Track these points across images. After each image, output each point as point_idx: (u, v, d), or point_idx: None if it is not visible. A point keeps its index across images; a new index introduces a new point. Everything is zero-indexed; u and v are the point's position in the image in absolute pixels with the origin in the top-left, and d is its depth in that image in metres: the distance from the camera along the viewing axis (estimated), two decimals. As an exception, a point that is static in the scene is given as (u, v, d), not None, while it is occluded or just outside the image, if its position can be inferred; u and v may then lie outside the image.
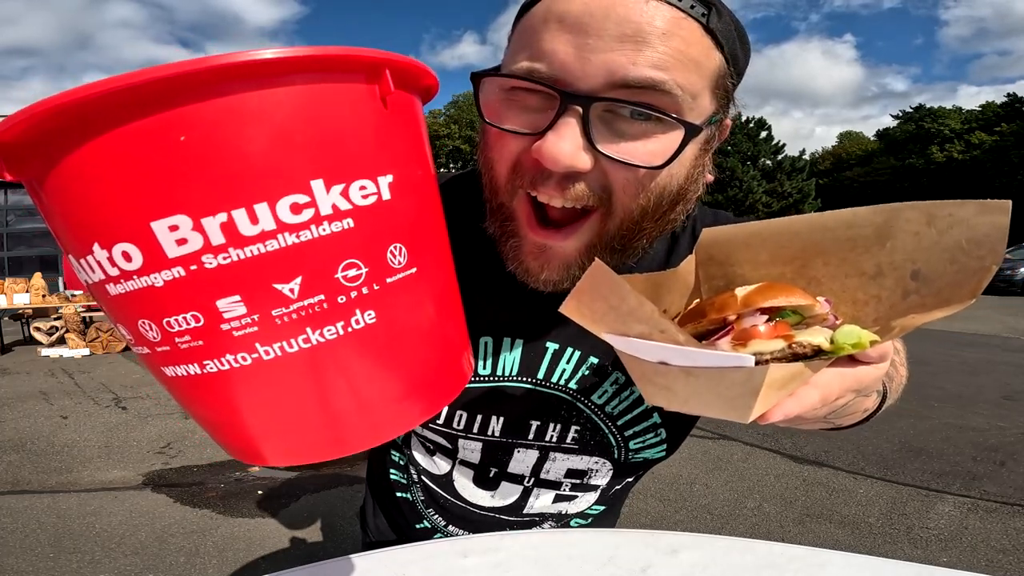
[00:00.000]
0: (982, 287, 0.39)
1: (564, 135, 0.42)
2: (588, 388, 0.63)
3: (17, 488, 3.17)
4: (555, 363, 0.63)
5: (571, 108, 0.42)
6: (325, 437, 0.39)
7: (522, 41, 0.45)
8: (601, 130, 0.43)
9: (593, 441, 0.66)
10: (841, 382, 0.37)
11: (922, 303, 0.41)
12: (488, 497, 0.71)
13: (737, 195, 33.57)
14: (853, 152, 52.91)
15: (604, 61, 0.41)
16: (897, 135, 47.18)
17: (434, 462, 0.72)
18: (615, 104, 0.42)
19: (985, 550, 2.40)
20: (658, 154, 0.44)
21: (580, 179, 0.45)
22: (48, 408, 4.85)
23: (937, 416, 4.27)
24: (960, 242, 0.39)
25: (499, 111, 0.46)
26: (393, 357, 0.39)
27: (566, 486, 0.70)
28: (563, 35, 0.41)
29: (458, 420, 0.65)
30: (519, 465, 0.68)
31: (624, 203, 0.46)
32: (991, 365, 6.05)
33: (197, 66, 0.29)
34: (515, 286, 0.60)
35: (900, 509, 2.80)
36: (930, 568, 0.58)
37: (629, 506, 0.53)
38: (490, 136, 0.48)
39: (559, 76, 0.42)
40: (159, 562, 2.41)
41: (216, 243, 0.31)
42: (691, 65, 0.42)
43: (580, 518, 0.77)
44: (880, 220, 0.42)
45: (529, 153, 0.45)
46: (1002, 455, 3.45)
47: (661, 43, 0.40)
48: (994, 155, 38.19)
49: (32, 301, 7.89)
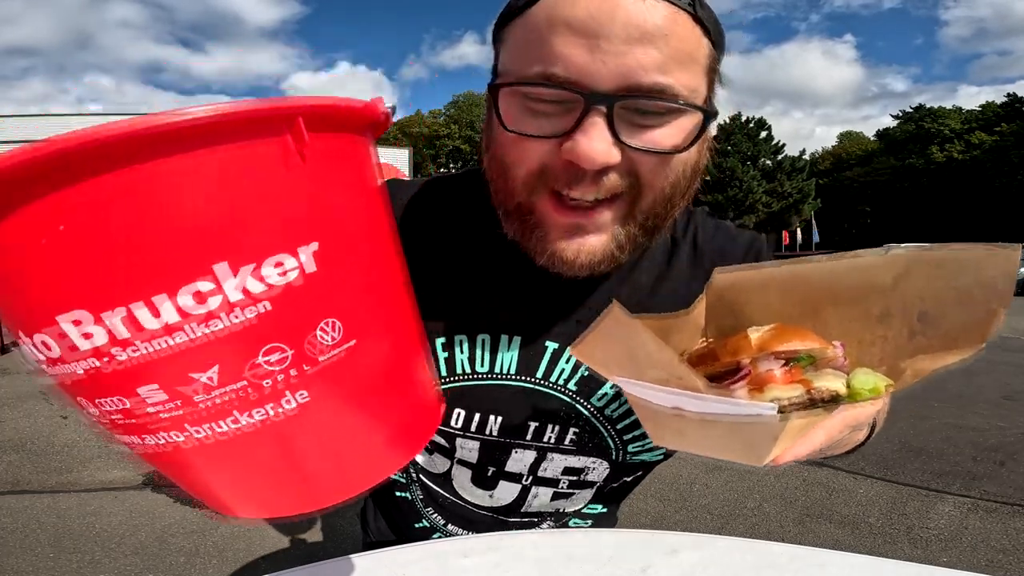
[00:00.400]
0: (991, 331, 0.39)
1: (594, 136, 0.44)
2: (588, 390, 0.63)
3: (17, 488, 3.17)
4: (554, 363, 0.63)
5: (595, 109, 0.44)
6: (288, 497, 0.38)
7: (529, 47, 0.46)
8: (624, 126, 0.45)
9: (591, 444, 0.66)
10: (843, 420, 0.38)
11: (928, 344, 0.42)
12: (487, 496, 0.71)
13: (737, 195, 33.57)
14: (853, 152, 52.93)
15: (618, 64, 0.43)
16: (897, 135, 47.20)
17: (433, 461, 0.71)
18: (635, 101, 0.45)
19: (985, 550, 2.40)
20: (678, 139, 0.47)
21: (611, 171, 0.47)
22: (48, 408, 4.85)
23: (937, 416, 4.27)
24: (969, 285, 0.40)
25: (518, 118, 0.47)
26: (338, 430, 0.36)
27: (563, 483, 0.70)
28: (574, 39, 0.43)
29: (456, 419, 0.65)
30: (517, 464, 0.68)
31: (653, 183, 0.49)
32: (991, 365, 6.04)
33: (68, 144, 0.26)
34: (515, 285, 0.61)
35: (900, 509, 2.80)
36: (930, 568, 0.58)
37: (629, 506, 0.53)
38: (506, 142, 0.49)
39: (577, 79, 0.44)
40: (159, 562, 2.41)
41: (121, 337, 0.29)
42: (689, 61, 0.46)
43: (579, 518, 0.76)
44: (899, 270, 0.43)
45: (557, 156, 0.46)
46: (1002, 455, 3.45)
47: (664, 44, 0.43)
48: (994, 155, 38.20)
49: (32, 301, 7.87)
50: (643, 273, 0.63)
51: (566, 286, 0.58)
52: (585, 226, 0.50)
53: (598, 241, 0.51)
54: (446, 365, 0.62)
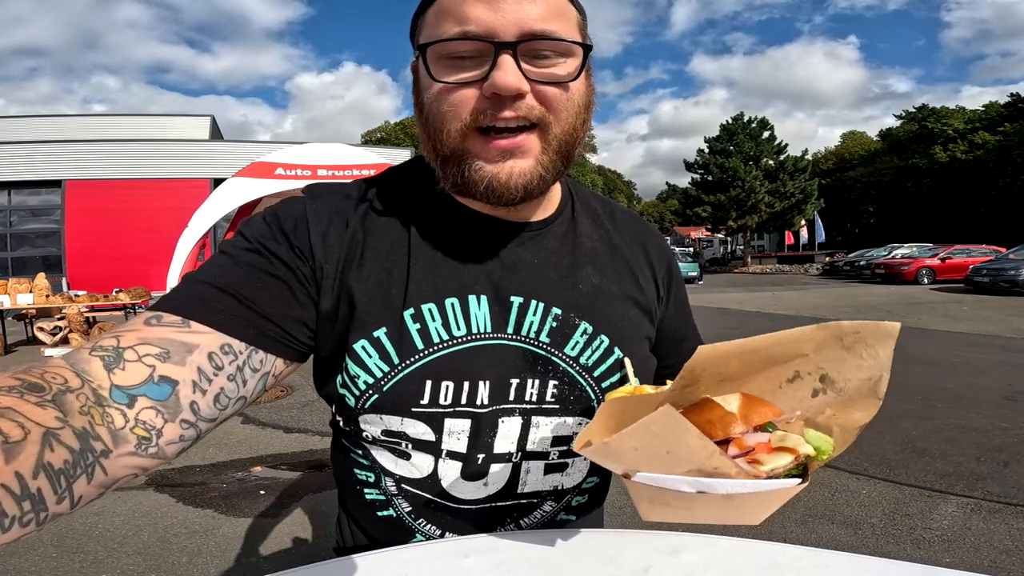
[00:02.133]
0: (881, 391, 0.52)
1: (507, 70, 0.56)
2: (559, 340, 0.66)
3: (20, 488, 3.18)
4: (522, 316, 0.66)
5: (504, 52, 0.56)
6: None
7: (445, 16, 0.57)
8: (526, 64, 0.57)
9: (572, 396, 0.67)
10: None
11: (828, 401, 0.55)
12: (480, 487, 0.68)
13: (739, 195, 33.51)
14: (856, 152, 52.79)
15: (514, 18, 0.56)
16: (900, 135, 47.08)
17: (412, 466, 0.67)
18: (531, 44, 0.57)
19: (988, 551, 2.40)
20: (570, 70, 0.60)
21: (524, 97, 0.58)
22: (51, 408, 4.87)
23: (940, 417, 4.26)
24: (861, 353, 0.53)
25: (444, 72, 0.58)
26: None
27: (553, 455, 0.69)
28: (478, 4, 0.56)
29: (444, 394, 0.63)
30: (504, 441, 0.66)
31: (558, 110, 0.60)
32: (994, 366, 6.03)
33: None
34: (470, 248, 0.67)
35: (903, 510, 2.80)
36: (933, 568, 0.58)
37: (630, 506, 0.53)
38: (438, 95, 0.59)
39: (486, 33, 0.56)
40: (162, 562, 2.41)
41: None
42: (563, 15, 0.59)
43: (578, 494, 0.75)
44: (818, 341, 0.53)
45: (480, 97, 0.57)
46: (1005, 455, 3.44)
47: (543, 1, 0.57)
48: (997, 155, 38.07)
49: (36, 301, 7.91)
50: (564, 234, 0.73)
51: (511, 245, 0.68)
52: (512, 151, 0.59)
53: (526, 164, 0.60)
54: (421, 337, 0.62)
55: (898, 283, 19.09)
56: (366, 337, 0.62)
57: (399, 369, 0.62)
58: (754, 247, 45.83)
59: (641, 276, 0.76)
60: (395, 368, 0.62)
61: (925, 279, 18.84)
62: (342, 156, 8.58)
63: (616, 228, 0.78)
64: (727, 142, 35.13)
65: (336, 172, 8.39)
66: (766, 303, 13.42)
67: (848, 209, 49.70)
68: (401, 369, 0.62)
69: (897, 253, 22.63)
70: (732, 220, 34.20)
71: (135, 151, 15.75)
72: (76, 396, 0.42)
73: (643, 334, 0.74)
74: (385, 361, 0.62)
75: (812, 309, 11.81)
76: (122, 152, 15.68)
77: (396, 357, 0.62)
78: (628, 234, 0.78)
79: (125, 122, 18.63)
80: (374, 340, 0.62)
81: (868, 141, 54.65)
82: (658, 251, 0.80)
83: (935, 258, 19.59)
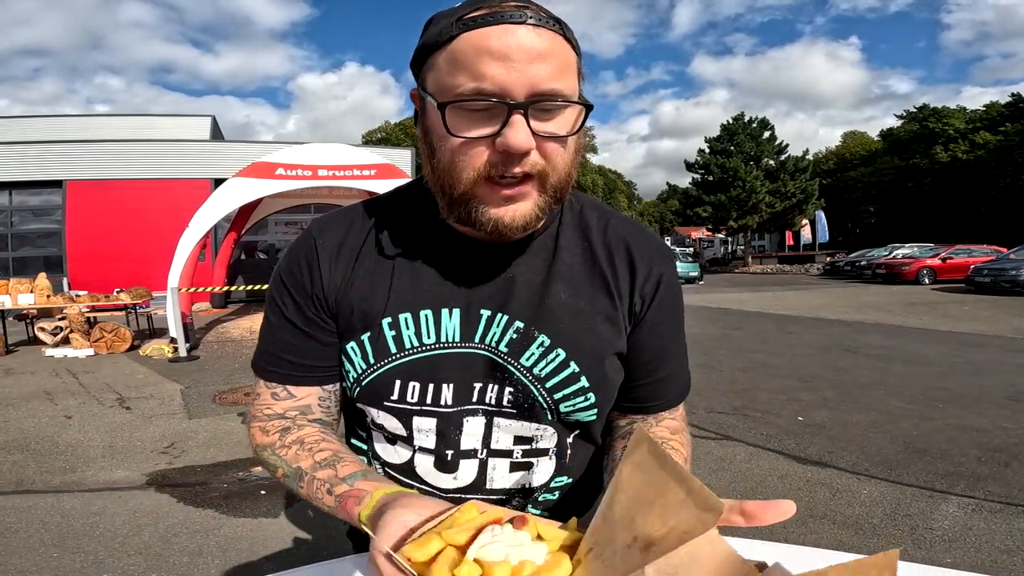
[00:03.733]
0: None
1: (518, 130, 0.61)
2: (516, 351, 0.72)
3: (21, 488, 3.18)
4: (488, 328, 0.72)
5: (516, 111, 0.60)
6: None
7: (457, 66, 0.62)
8: (534, 121, 0.62)
9: (527, 403, 0.72)
10: None
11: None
12: (451, 480, 0.76)
13: (740, 195, 33.49)
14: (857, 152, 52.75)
15: (525, 78, 0.60)
16: (901, 135, 47.03)
17: (396, 451, 0.78)
18: (540, 103, 0.62)
19: (989, 551, 2.39)
20: (569, 127, 0.65)
21: (531, 153, 0.63)
22: (52, 408, 4.87)
23: (941, 417, 4.26)
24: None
25: (459, 127, 0.63)
26: None
27: (517, 453, 0.76)
28: (493, 62, 0.60)
29: (412, 393, 0.72)
30: (470, 439, 0.74)
31: (556, 163, 0.66)
32: (996, 366, 6.02)
33: None
34: (448, 266, 0.74)
35: (904, 510, 2.80)
36: (934, 569, 0.58)
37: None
38: (453, 147, 0.64)
39: (499, 92, 0.60)
40: (162, 562, 2.41)
41: None
42: (568, 69, 0.64)
43: (547, 492, 0.78)
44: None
45: (492, 150, 0.63)
46: (1007, 456, 3.44)
47: (552, 60, 0.61)
48: (998, 155, 38.03)
49: (37, 301, 7.92)
50: (543, 250, 0.78)
51: (490, 263, 0.74)
52: (515, 197, 0.66)
53: (526, 207, 0.66)
54: (395, 343, 0.72)
55: (899, 283, 19.08)
56: (354, 340, 0.73)
57: (374, 368, 0.72)
58: (755, 247, 45.79)
59: (616, 292, 0.75)
60: (371, 367, 0.72)
61: (926, 279, 18.82)
62: (342, 156, 8.58)
63: (603, 240, 0.78)
64: (728, 142, 35.10)
65: (336, 172, 8.39)
66: (768, 303, 13.42)
67: (849, 209, 49.65)
68: (376, 369, 0.72)
69: (898, 253, 22.61)
70: (733, 220, 34.16)
71: (136, 151, 15.75)
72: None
73: (614, 350, 0.75)
74: (364, 360, 0.73)
75: (814, 309, 11.80)
76: (123, 152, 15.68)
77: (372, 358, 0.72)
78: (615, 246, 0.78)
79: (126, 122, 18.66)
80: (359, 342, 0.73)
81: (869, 141, 54.60)
82: (646, 266, 0.77)
83: (936, 258, 19.57)
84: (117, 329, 7.76)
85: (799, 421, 4.24)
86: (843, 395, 4.94)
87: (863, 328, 9.02)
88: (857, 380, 5.43)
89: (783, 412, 4.48)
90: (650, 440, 0.50)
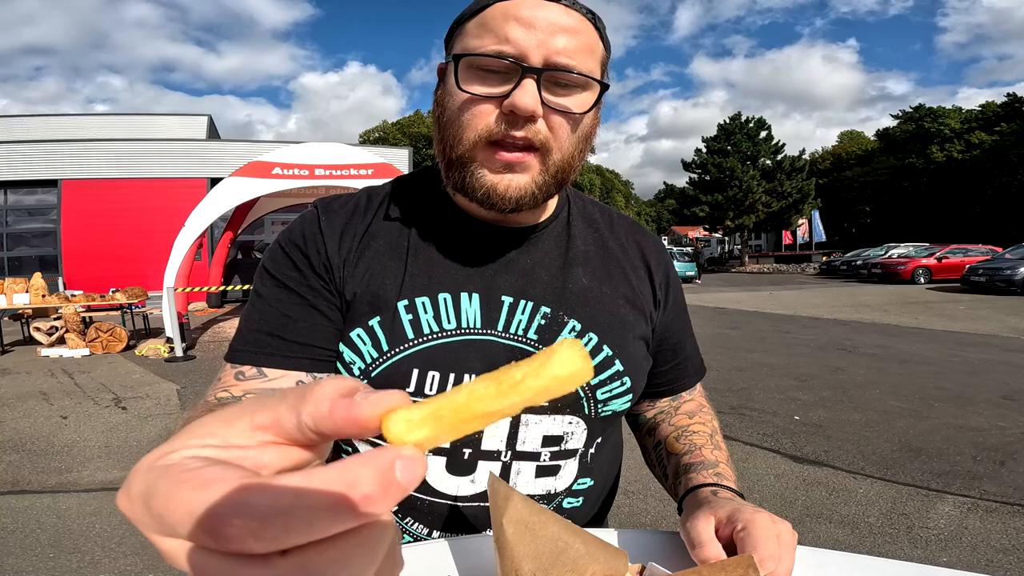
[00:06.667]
0: None
1: (528, 91, 0.60)
2: (548, 338, 0.68)
3: (17, 488, 3.17)
4: (512, 315, 0.69)
5: (529, 75, 0.60)
6: None
7: (486, 32, 0.62)
8: (546, 91, 0.62)
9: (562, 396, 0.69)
10: None
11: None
12: (467, 483, 0.69)
13: (737, 195, 33.54)
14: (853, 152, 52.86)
15: (546, 48, 0.60)
16: (897, 135, 47.13)
17: None
18: (555, 74, 0.61)
19: (985, 550, 2.40)
20: (582, 104, 0.64)
21: (536, 121, 0.62)
22: (48, 408, 4.85)
23: (937, 416, 4.27)
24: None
25: (470, 82, 0.62)
26: None
27: (545, 456, 0.70)
28: (518, 27, 0.60)
29: (430, 383, 0.66)
30: (493, 439, 0.68)
31: (561, 141, 0.64)
32: (991, 365, 6.05)
33: None
34: (467, 250, 0.71)
35: (900, 509, 2.80)
36: (930, 568, 0.58)
37: (629, 506, 0.52)
38: (460, 102, 0.63)
39: (518, 55, 0.60)
40: (159, 562, 2.40)
41: None
42: (590, 52, 0.64)
43: (571, 497, 0.75)
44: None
45: (498, 113, 0.62)
46: (1002, 455, 3.45)
47: (575, 37, 0.62)
48: (994, 155, 38.16)
49: (32, 301, 7.88)
50: (557, 237, 0.77)
51: (505, 248, 0.71)
52: (513, 166, 0.63)
53: (523, 180, 0.64)
54: (412, 328, 0.67)
55: (895, 283, 19.12)
56: (362, 325, 0.67)
57: (388, 356, 0.66)
58: (751, 247, 45.85)
59: (636, 278, 0.77)
60: (384, 355, 0.66)
61: (921, 278, 18.88)
62: (339, 156, 8.56)
63: (612, 232, 0.80)
64: (725, 142, 35.14)
65: (333, 171, 8.37)
66: (764, 303, 13.44)
67: (845, 209, 49.77)
68: (390, 356, 0.66)
69: (894, 252, 22.66)
70: (729, 220, 34.20)
71: (132, 150, 15.69)
72: None
73: (637, 334, 0.75)
74: (375, 348, 0.66)
75: (810, 309, 11.82)
76: (119, 151, 15.61)
77: (386, 344, 0.66)
78: (625, 238, 0.81)
79: (121, 121, 18.57)
80: (368, 328, 0.67)
81: (865, 141, 54.73)
82: (656, 257, 0.81)
83: (931, 258, 19.63)
84: (113, 329, 7.74)
85: (795, 420, 4.25)
86: (839, 394, 4.95)
87: (859, 327, 9.04)
88: (853, 379, 5.44)
89: (780, 411, 4.49)
90: (517, 494, 0.52)
